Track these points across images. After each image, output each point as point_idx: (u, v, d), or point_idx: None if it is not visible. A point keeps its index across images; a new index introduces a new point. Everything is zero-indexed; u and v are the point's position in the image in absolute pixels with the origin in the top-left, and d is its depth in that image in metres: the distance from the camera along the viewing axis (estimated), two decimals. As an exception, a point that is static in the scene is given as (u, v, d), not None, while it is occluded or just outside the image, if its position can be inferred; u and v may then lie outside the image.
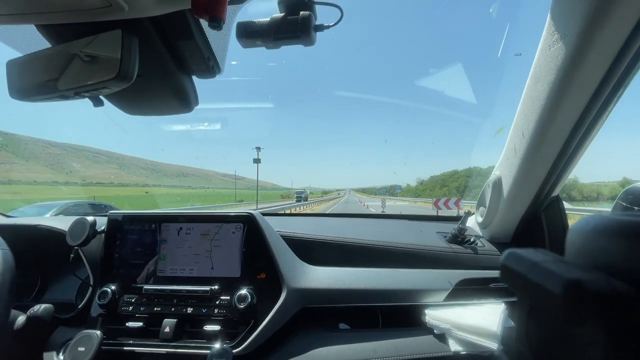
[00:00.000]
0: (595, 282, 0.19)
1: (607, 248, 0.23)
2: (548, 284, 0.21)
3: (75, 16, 0.53)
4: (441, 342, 0.86)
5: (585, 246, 0.25)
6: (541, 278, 0.22)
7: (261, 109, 59.43)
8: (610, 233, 0.23)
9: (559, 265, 0.22)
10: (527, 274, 0.23)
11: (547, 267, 0.22)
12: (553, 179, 0.86)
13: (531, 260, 0.24)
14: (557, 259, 0.24)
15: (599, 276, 0.20)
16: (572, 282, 0.19)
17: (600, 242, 0.23)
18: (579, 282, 0.19)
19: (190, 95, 0.74)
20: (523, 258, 0.25)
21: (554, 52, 0.63)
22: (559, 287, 0.20)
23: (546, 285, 0.21)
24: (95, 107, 0.66)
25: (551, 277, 0.21)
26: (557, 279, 0.20)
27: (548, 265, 0.22)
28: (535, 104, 0.72)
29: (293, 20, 0.60)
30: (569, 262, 0.23)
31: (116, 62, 0.53)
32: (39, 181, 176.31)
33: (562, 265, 0.22)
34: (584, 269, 0.21)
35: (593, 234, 0.24)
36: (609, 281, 0.20)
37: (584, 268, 0.21)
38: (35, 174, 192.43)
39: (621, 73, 0.61)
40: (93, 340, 0.78)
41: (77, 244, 0.92)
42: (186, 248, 0.95)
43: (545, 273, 0.22)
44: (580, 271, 0.20)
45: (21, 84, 0.61)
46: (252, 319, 0.85)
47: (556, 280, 0.20)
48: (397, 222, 1.36)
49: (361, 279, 0.94)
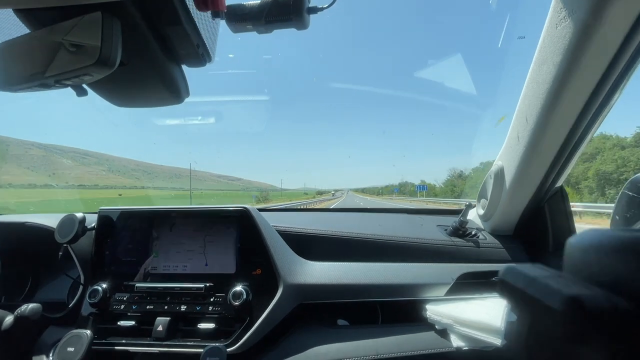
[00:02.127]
0: (594, 298, 0.19)
1: (605, 264, 0.22)
2: (547, 299, 0.21)
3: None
4: (443, 337, 0.84)
5: (583, 261, 0.25)
6: (540, 293, 0.22)
7: (256, 102, 59.30)
8: (608, 249, 0.23)
9: (558, 280, 0.22)
10: (526, 289, 0.23)
11: (546, 282, 0.22)
12: (557, 167, 0.83)
13: (529, 275, 0.24)
14: (556, 274, 0.24)
15: (599, 292, 0.20)
16: (571, 298, 0.19)
17: (598, 258, 0.23)
18: (579, 298, 0.19)
19: (180, 85, 0.71)
20: (521, 273, 0.25)
21: (560, 31, 0.60)
22: (558, 302, 0.20)
23: (545, 300, 0.21)
24: (78, 97, 0.63)
25: (550, 293, 0.21)
26: (556, 294, 0.20)
27: (547, 280, 0.22)
28: (540, 88, 0.69)
29: (285, 2, 0.57)
30: (567, 278, 0.23)
31: (96, 47, 0.50)
32: (15, 184, 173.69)
33: (561, 281, 0.22)
34: (583, 285, 0.21)
35: (591, 249, 0.24)
36: (609, 297, 0.20)
37: (583, 284, 0.21)
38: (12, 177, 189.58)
39: (634, 50, 0.57)
40: (83, 340, 0.76)
41: (65, 241, 0.89)
42: (179, 244, 0.92)
43: (544, 288, 0.22)
44: (579, 287, 0.21)
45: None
46: (248, 316, 0.83)
47: (555, 296, 0.20)
48: (396, 216, 1.34)
49: (360, 274, 0.92)
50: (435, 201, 35.70)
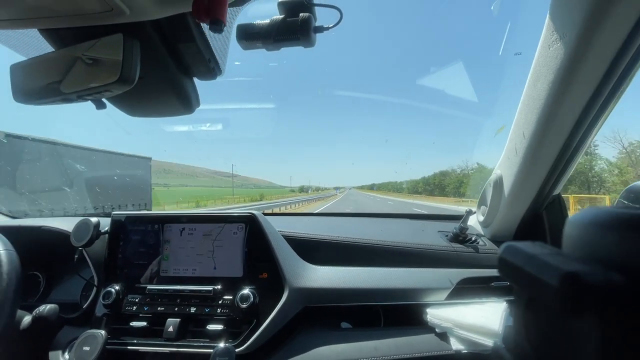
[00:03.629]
0: (591, 274, 0.19)
1: (604, 240, 0.23)
2: (545, 275, 0.21)
3: (77, 20, 0.54)
4: (443, 340, 0.86)
5: (582, 238, 0.25)
6: (538, 270, 0.22)
7: (263, 109, 59.57)
8: (607, 225, 0.23)
9: (556, 257, 0.22)
10: (524, 266, 0.23)
11: (543, 259, 0.22)
12: (554, 178, 0.85)
13: (528, 252, 0.24)
14: (554, 251, 0.24)
15: (596, 268, 0.20)
16: (568, 273, 0.19)
17: (597, 235, 0.23)
18: (576, 274, 0.19)
19: (191, 97, 0.74)
20: (520, 250, 0.25)
21: (553, 52, 0.63)
22: (555, 278, 0.20)
23: (543, 277, 0.21)
24: (97, 109, 0.66)
25: (548, 269, 0.21)
26: (553, 270, 0.20)
27: (545, 257, 0.22)
28: (536, 104, 0.72)
29: (293, 22, 0.60)
30: (565, 254, 0.23)
31: (118, 66, 0.54)
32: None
33: (558, 258, 0.22)
34: (581, 261, 0.21)
35: (590, 226, 0.24)
36: (606, 273, 0.20)
37: (581, 260, 0.21)
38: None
39: (620, 72, 0.61)
40: (98, 339, 0.79)
41: (81, 244, 0.92)
42: (189, 248, 0.96)
43: (542, 265, 0.22)
44: (577, 263, 0.21)
45: (25, 88, 0.62)
46: (255, 318, 0.86)
47: (553, 272, 0.20)
48: (398, 221, 1.36)
49: (363, 279, 0.95)
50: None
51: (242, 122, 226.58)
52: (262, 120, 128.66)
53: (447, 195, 68.32)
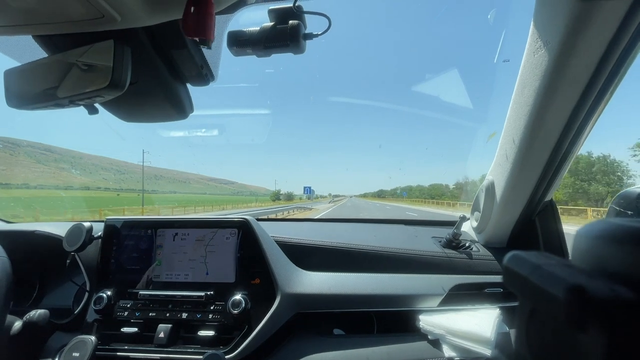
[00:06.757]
0: (598, 287, 0.19)
1: (612, 254, 0.22)
2: (550, 287, 0.21)
3: (70, 27, 0.55)
4: (435, 347, 0.86)
5: (590, 251, 0.24)
6: (544, 281, 0.21)
7: (259, 115, 60.06)
8: (616, 239, 0.22)
9: (562, 269, 0.22)
10: (530, 276, 0.23)
11: (550, 270, 0.22)
12: (545, 183, 0.86)
13: (534, 263, 0.23)
14: (561, 262, 0.23)
15: (603, 282, 0.20)
16: (574, 286, 0.19)
17: (605, 248, 0.23)
18: (582, 287, 0.19)
19: (184, 102, 0.75)
20: (526, 260, 0.24)
21: (538, 59, 0.64)
22: (561, 291, 0.20)
23: (548, 288, 0.21)
24: (90, 115, 0.67)
25: (554, 281, 0.21)
26: (559, 282, 0.20)
27: (551, 268, 0.22)
28: (524, 110, 0.73)
29: (282, 29, 0.62)
30: (572, 266, 0.23)
31: (108, 71, 0.55)
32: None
33: (565, 269, 0.22)
34: (588, 274, 0.21)
35: (598, 239, 0.24)
36: (613, 287, 0.19)
37: (588, 273, 0.21)
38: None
39: (605, 78, 0.62)
40: (87, 345, 0.79)
41: (73, 249, 0.92)
42: (182, 254, 0.96)
43: (548, 276, 0.21)
44: (583, 276, 0.20)
45: (19, 93, 0.63)
46: (246, 324, 0.85)
47: (559, 284, 0.20)
48: (391, 227, 1.36)
49: (355, 284, 0.94)
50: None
51: (239, 127, 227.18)
52: (259, 125, 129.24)
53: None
